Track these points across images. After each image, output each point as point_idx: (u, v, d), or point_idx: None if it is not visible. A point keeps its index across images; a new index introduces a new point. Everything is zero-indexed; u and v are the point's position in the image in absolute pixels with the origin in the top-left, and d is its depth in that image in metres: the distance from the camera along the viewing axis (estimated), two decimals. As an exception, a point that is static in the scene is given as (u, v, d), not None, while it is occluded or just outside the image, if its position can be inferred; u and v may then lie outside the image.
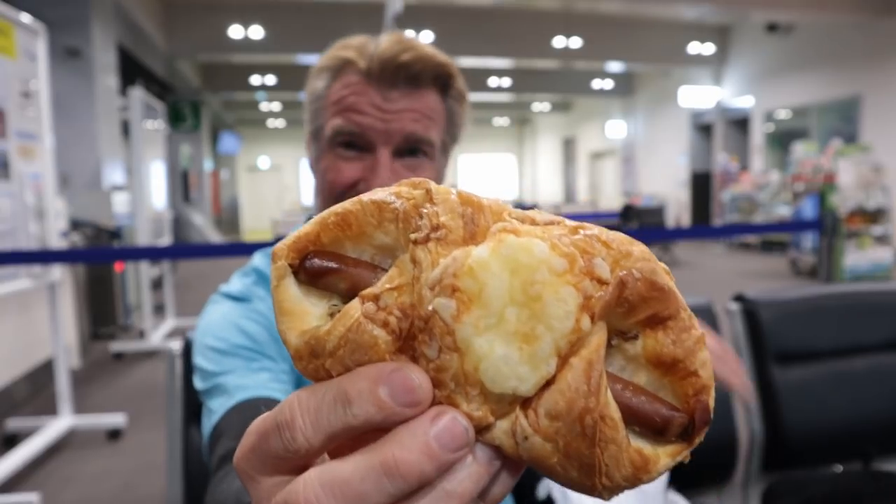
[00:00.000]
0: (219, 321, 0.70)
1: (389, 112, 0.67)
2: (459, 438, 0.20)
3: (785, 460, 1.33)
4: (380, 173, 0.67)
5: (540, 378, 0.21)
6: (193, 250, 5.71)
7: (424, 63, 0.67)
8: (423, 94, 0.68)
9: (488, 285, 0.20)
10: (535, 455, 0.21)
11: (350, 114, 0.67)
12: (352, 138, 0.68)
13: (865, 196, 6.92)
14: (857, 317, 1.40)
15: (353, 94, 0.67)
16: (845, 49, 9.89)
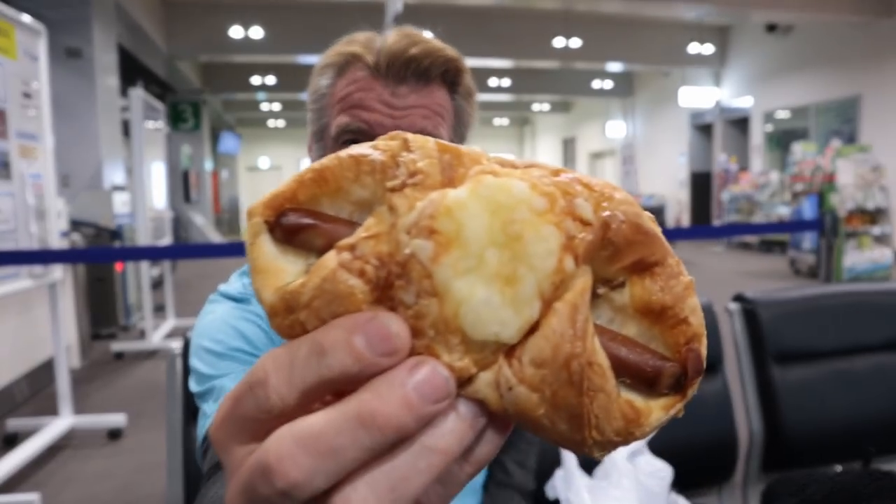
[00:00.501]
0: (215, 323, 0.69)
1: (398, 108, 0.64)
2: (440, 389, 0.19)
3: (785, 460, 1.34)
4: None
5: (523, 322, 0.20)
6: (193, 250, 5.71)
7: (434, 57, 0.64)
8: (432, 89, 0.66)
9: (467, 226, 0.19)
10: (520, 408, 0.20)
11: (357, 111, 0.65)
12: (359, 136, 0.65)
13: (864, 196, 6.92)
14: (857, 317, 1.41)
15: (360, 89, 0.65)
16: (845, 49, 9.89)
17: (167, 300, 5.14)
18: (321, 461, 0.18)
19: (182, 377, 1.03)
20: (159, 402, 3.40)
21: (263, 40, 10.12)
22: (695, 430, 1.24)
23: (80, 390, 3.62)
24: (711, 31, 12.03)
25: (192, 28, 10.25)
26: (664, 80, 14.09)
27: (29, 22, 2.71)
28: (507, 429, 0.22)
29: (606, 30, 11.60)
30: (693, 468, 1.16)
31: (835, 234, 2.71)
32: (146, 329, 4.53)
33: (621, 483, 1.01)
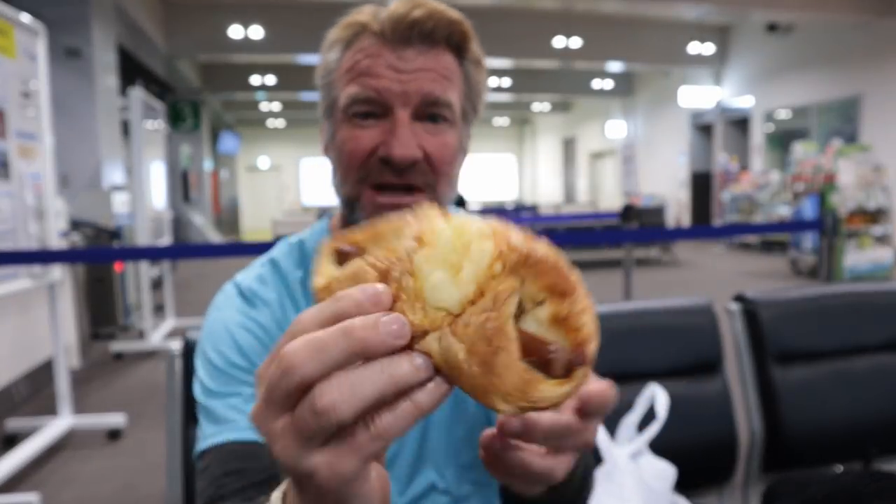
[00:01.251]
0: (219, 331, 0.69)
1: (405, 72, 0.63)
2: (398, 328, 0.28)
3: (785, 460, 1.33)
4: (399, 133, 0.63)
5: (463, 297, 0.29)
6: (193, 250, 5.72)
7: (437, 19, 0.63)
8: (438, 53, 0.64)
9: (439, 237, 0.30)
10: (450, 357, 0.29)
11: (364, 78, 0.63)
12: (368, 105, 0.64)
13: (865, 196, 6.92)
14: (858, 317, 1.40)
15: (367, 57, 0.64)
16: (845, 49, 9.89)
17: (167, 300, 5.14)
18: (314, 354, 0.28)
19: (182, 377, 1.02)
20: (159, 402, 3.40)
21: (263, 40, 10.12)
22: (695, 431, 1.24)
23: (80, 390, 3.62)
24: (712, 30, 12.04)
25: (191, 28, 10.24)
26: (664, 79, 14.09)
27: (28, 21, 2.71)
28: (448, 388, 0.30)
29: (606, 29, 11.60)
30: (693, 468, 1.16)
31: (835, 234, 2.70)
32: (146, 329, 4.53)
33: (624, 483, 1.00)
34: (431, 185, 0.65)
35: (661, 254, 9.46)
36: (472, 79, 0.68)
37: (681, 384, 1.25)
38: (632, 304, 1.37)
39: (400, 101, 0.63)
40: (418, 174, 0.64)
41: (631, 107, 15.74)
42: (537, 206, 9.77)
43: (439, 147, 0.65)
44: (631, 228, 4.52)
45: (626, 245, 4.19)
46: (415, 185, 0.65)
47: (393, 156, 0.62)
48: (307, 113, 17.99)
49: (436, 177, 0.65)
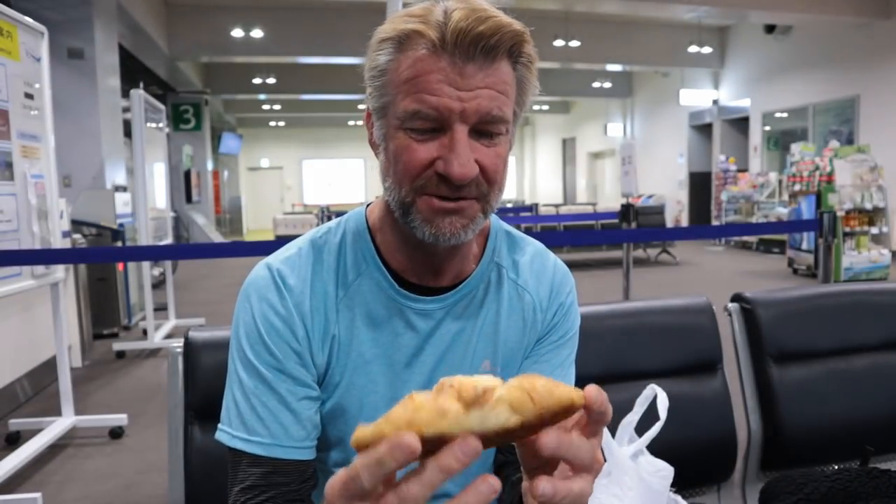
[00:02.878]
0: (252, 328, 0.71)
1: (465, 90, 0.62)
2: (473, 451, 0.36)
3: (783, 459, 1.34)
4: (458, 151, 0.62)
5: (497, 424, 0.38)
6: (195, 250, 5.73)
7: (502, 34, 0.62)
8: (498, 66, 0.64)
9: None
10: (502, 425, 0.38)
11: (423, 95, 0.62)
12: (426, 122, 0.63)
13: (863, 196, 6.94)
14: (856, 316, 1.41)
15: (426, 72, 0.62)
16: (843, 50, 9.90)
17: (169, 300, 5.15)
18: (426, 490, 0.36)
19: (183, 377, 1.03)
20: (161, 401, 3.41)
21: (264, 41, 10.13)
22: (693, 430, 1.25)
23: (82, 390, 3.63)
24: (710, 31, 12.04)
25: (193, 29, 10.25)
26: (663, 80, 14.10)
27: (31, 23, 2.72)
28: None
29: (606, 31, 11.61)
30: (691, 468, 1.17)
31: (833, 234, 2.71)
32: (148, 329, 4.54)
33: (622, 480, 1.01)
34: (485, 195, 0.67)
35: (660, 254, 9.47)
36: (525, 80, 0.69)
37: (679, 384, 1.26)
38: (630, 304, 1.38)
39: (458, 118, 0.62)
40: (473, 187, 0.65)
41: (630, 107, 15.75)
42: (537, 206, 9.77)
43: (493, 159, 0.65)
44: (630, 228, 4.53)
45: (625, 245, 4.20)
46: (468, 195, 0.66)
47: (453, 174, 0.62)
48: (308, 113, 17.98)
49: (489, 187, 0.67)
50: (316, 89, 13.59)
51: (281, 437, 0.69)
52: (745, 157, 12.21)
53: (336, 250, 0.74)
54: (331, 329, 0.72)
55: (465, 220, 0.66)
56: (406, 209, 0.67)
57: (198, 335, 1.03)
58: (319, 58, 10.66)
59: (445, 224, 0.66)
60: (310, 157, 21.50)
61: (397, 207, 0.68)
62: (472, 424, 0.37)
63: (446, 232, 0.66)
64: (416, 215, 0.66)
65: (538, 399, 0.38)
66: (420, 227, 0.66)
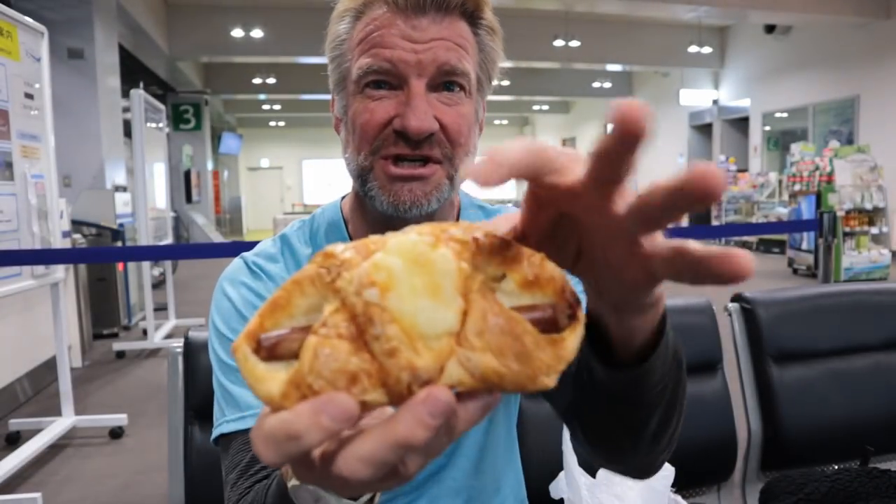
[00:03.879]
0: (227, 307, 0.69)
1: (420, 42, 0.61)
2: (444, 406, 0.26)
3: (783, 459, 1.35)
4: (415, 104, 0.60)
5: (456, 311, 0.27)
6: (194, 250, 5.72)
7: None
8: (452, 21, 0.63)
9: (392, 269, 0.27)
10: (483, 369, 0.27)
11: (378, 49, 0.61)
12: (381, 76, 0.62)
13: (863, 196, 6.93)
14: (855, 316, 1.41)
15: (379, 27, 0.62)
16: (843, 50, 9.90)
17: (168, 300, 5.14)
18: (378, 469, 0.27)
19: (183, 376, 1.03)
20: (161, 401, 3.41)
21: (264, 41, 10.13)
22: (693, 430, 1.25)
23: (82, 390, 3.63)
24: (710, 31, 12.04)
25: (193, 29, 10.25)
26: (663, 80, 14.10)
27: (31, 23, 2.72)
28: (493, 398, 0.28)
29: (606, 30, 11.61)
30: (692, 468, 1.17)
31: (833, 234, 2.71)
32: (147, 329, 4.54)
33: (624, 481, 1.01)
34: (448, 156, 0.64)
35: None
36: (487, 47, 0.67)
37: (679, 383, 1.26)
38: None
39: (415, 71, 0.61)
40: (434, 146, 0.63)
41: (631, 107, 15.72)
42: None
43: (455, 118, 0.63)
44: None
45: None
46: (431, 156, 0.63)
47: (409, 128, 0.60)
48: (308, 113, 17.98)
49: (452, 148, 0.64)
50: (316, 89, 13.58)
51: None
52: (745, 157, 12.21)
53: (310, 242, 0.74)
54: None
55: (426, 188, 0.63)
56: (364, 177, 0.64)
57: (198, 335, 1.03)
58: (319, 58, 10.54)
59: (404, 191, 0.63)
60: (310, 157, 21.49)
61: (356, 177, 0.66)
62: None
63: (406, 200, 0.63)
64: (373, 182, 0.64)
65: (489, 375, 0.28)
66: (378, 197, 0.63)
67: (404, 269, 0.27)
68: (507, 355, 0.27)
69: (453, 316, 0.27)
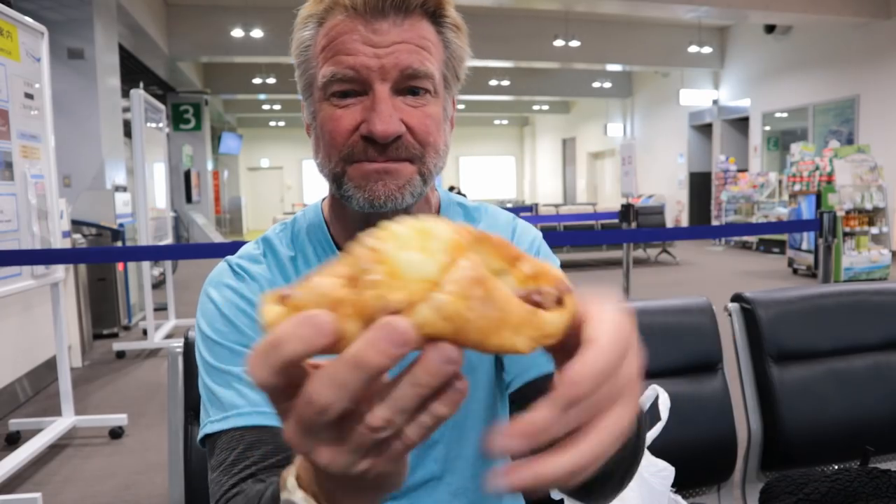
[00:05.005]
0: (211, 310, 0.69)
1: (381, 46, 0.61)
2: (399, 334, 0.27)
3: (783, 459, 1.35)
4: (379, 109, 0.61)
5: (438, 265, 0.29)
6: (194, 250, 5.72)
7: None
8: (414, 22, 0.62)
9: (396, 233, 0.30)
10: (449, 312, 0.28)
11: (340, 56, 0.61)
12: (346, 84, 0.62)
13: (863, 196, 6.94)
14: (855, 316, 1.41)
15: (340, 34, 0.61)
16: (843, 50, 9.91)
17: (168, 300, 5.15)
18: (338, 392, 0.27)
19: (183, 376, 1.03)
20: (161, 401, 3.41)
21: (264, 41, 10.13)
22: (693, 430, 1.25)
23: (82, 390, 3.64)
24: (710, 31, 12.05)
25: (193, 29, 10.26)
26: (663, 80, 14.11)
27: (31, 23, 2.72)
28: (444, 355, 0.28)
29: (606, 31, 11.61)
30: (691, 468, 1.17)
31: (833, 234, 2.71)
32: (147, 328, 4.54)
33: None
34: (419, 156, 0.64)
35: (660, 254, 9.47)
36: (452, 44, 0.66)
37: (679, 383, 1.26)
38: (630, 304, 1.38)
39: (378, 76, 0.61)
40: (402, 149, 0.63)
41: (630, 107, 15.75)
42: (537, 206, 9.77)
43: (422, 119, 0.63)
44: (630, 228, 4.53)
45: (625, 245, 4.21)
46: (400, 159, 0.63)
47: (375, 132, 0.61)
48: (307, 113, 17.97)
49: (423, 148, 0.64)
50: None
51: (260, 403, 0.64)
52: (745, 157, 12.21)
53: (292, 244, 0.74)
54: None
55: (399, 182, 0.64)
56: (338, 180, 0.65)
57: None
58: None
59: (379, 187, 0.63)
60: (310, 157, 21.26)
61: (331, 181, 0.67)
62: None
63: (381, 195, 0.63)
64: (349, 183, 0.65)
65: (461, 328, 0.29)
66: (354, 196, 0.64)
67: (407, 232, 0.30)
68: (475, 300, 0.28)
69: (435, 266, 0.29)
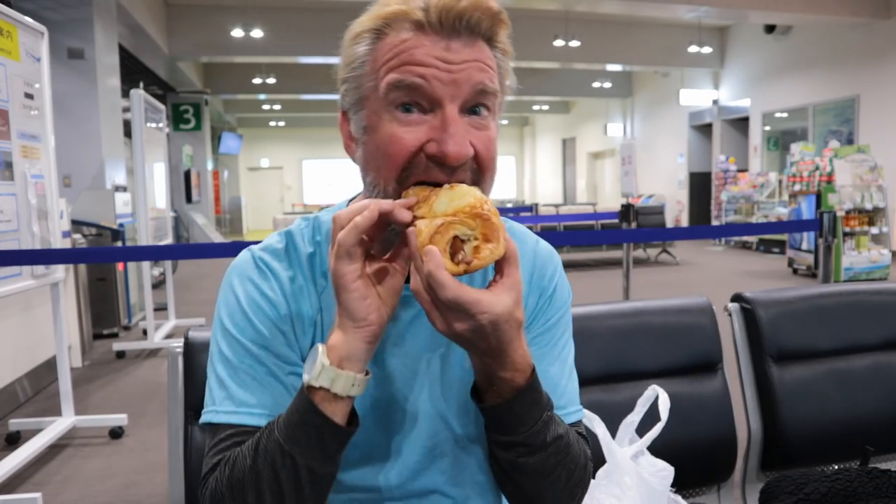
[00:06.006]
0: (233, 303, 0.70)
1: (454, 63, 0.60)
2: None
3: (783, 459, 1.35)
4: (452, 130, 0.60)
5: (445, 211, 0.57)
6: (194, 250, 5.72)
7: (482, 10, 0.61)
8: (481, 45, 0.63)
9: (451, 188, 0.60)
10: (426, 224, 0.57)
11: (409, 67, 0.60)
12: (412, 95, 0.61)
13: (863, 196, 6.94)
14: (855, 316, 1.41)
15: (410, 48, 0.60)
16: (843, 50, 9.91)
17: (168, 300, 5.15)
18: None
19: (183, 376, 1.03)
20: (161, 401, 3.42)
21: (264, 41, 10.12)
22: (693, 430, 1.25)
23: (82, 390, 3.64)
24: (710, 31, 12.05)
25: (193, 29, 10.26)
26: (663, 80, 14.11)
27: (31, 23, 2.72)
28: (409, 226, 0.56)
29: (606, 31, 11.61)
30: (691, 468, 1.17)
31: (833, 234, 2.71)
32: (148, 329, 4.54)
33: (623, 481, 1.01)
34: (476, 182, 0.64)
35: (660, 254, 9.47)
36: (502, 67, 0.66)
37: (679, 383, 1.26)
38: (630, 304, 1.38)
39: (449, 91, 0.60)
40: (467, 172, 0.63)
41: (630, 107, 15.75)
42: (537, 206, 9.77)
43: (486, 143, 0.63)
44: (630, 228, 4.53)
45: (625, 245, 4.21)
46: (459, 182, 0.62)
47: (448, 154, 0.60)
48: (308, 113, 17.98)
49: (482, 174, 0.64)
50: (316, 89, 13.58)
51: (269, 405, 0.67)
52: (745, 157, 12.21)
53: (312, 241, 0.74)
54: (314, 316, 0.71)
55: None
56: None
57: (198, 335, 1.03)
58: (319, 58, 10.66)
59: None
60: (310, 157, 21.50)
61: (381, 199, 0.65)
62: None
63: None
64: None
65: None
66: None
67: (452, 189, 0.59)
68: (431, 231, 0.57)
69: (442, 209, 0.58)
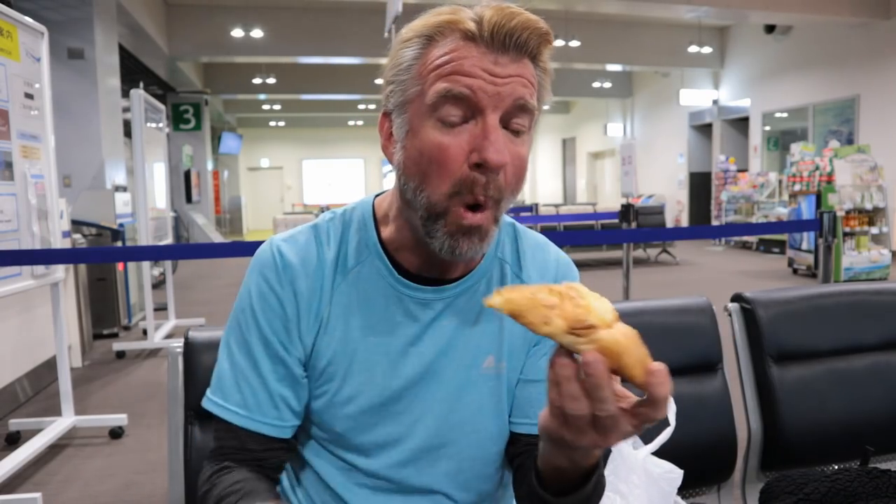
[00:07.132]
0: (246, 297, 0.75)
1: (500, 76, 0.63)
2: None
3: (783, 459, 1.35)
4: (493, 138, 0.63)
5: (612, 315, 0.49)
6: (194, 250, 5.72)
7: (532, 30, 0.64)
8: (526, 62, 0.65)
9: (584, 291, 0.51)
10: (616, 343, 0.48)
11: (457, 76, 0.63)
12: (458, 104, 0.63)
13: (863, 196, 6.94)
14: (855, 316, 1.41)
15: (461, 57, 0.63)
16: (843, 50, 9.91)
17: (168, 300, 5.15)
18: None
19: (183, 377, 1.03)
20: (161, 401, 3.42)
21: (264, 41, 10.13)
22: (693, 430, 1.25)
23: (82, 390, 3.64)
24: (710, 32, 12.05)
25: (193, 29, 10.25)
26: (663, 80, 14.10)
27: (31, 23, 2.72)
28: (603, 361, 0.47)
29: (606, 31, 11.61)
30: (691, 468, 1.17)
31: (833, 234, 2.71)
32: (148, 329, 4.54)
33: (629, 479, 1.01)
34: (497, 199, 0.66)
35: (660, 254, 9.47)
36: (542, 87, 0.69)
37: (679, 383, 1.26)
38: (630, 304, 1.38)
39: (492, 103, 0.63)
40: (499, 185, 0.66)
41: (630, 107, 15.74)
42: (537, 206, 9.77)
43: (517, 159, 0.66)
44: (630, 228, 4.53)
45: (625, 245, 4.20)
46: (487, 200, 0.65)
47: (489, 160, 0.62)
48: (308, 113, 17.98)
49: (507, 190, 0.66)
50: (316, 89, 13.59)
51: (254, 410, 0.72)
52: (745, 157, 12.21)
53: (339, 236, 0.76)
54: (323, 311, 0.73)
55: (481, 236, 0.67)
56: (435, 218, 0.66)
57: (198, 335, 1.03)
58: (319, 58, 10.67)
59: (464, 243, 0.66)
60: (310, 157, 21.50)
61: (424, 212, 0.67)
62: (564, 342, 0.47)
63: (465, 251, 0.67)
64: (442, 229, 0.66)
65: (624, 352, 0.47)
66: (440, 239, 0.66)
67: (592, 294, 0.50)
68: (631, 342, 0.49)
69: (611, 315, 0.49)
